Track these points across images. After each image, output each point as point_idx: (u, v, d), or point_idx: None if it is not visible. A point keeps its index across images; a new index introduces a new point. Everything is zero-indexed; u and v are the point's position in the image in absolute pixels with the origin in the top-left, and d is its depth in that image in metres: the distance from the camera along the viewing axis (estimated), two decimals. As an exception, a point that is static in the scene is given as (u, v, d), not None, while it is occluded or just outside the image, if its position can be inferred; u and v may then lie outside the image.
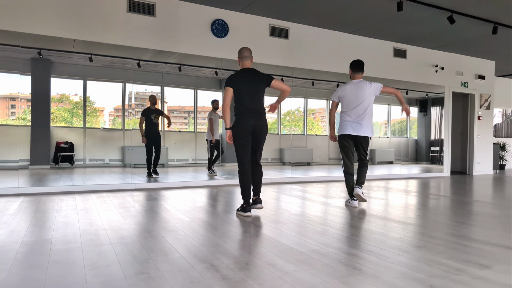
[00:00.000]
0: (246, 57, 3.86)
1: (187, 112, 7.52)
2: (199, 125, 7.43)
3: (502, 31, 7.00)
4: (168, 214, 3.66)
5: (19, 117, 5.67)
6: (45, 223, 3.19)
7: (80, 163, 6.17)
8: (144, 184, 5.67)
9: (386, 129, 9.14)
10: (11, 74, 5.31)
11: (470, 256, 2.42)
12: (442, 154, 8.93)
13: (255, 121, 3.80)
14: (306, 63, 6.99)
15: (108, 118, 6.67)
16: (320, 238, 2.82)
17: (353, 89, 4.32)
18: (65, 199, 4.45)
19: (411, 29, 7.10)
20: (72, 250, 2.43)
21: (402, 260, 2.32)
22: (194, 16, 5.96)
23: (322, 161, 8.29)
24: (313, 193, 5.35)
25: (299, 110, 8.18)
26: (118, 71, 6.14)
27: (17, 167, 5.15)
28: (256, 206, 3.77)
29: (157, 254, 2.38)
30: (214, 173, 6.67)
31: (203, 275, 2.01)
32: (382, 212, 3.97)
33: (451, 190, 5.95)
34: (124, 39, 5.47)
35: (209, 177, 6.59)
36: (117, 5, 5.43)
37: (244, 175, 3.77)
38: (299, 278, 2.00)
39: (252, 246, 2.61)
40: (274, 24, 6.63)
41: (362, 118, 4.27)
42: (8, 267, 2.10)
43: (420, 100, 9.29)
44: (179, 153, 7.19)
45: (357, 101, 4.28)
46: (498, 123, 11.82)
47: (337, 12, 6.28)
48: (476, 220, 3.61)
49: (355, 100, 4.29)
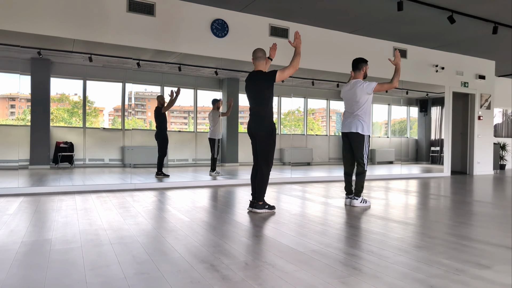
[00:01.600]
0: (255, 58, 3.84)
1: (187, 112, 7.52)
2: (199, 125, 7.43)
3: (502, 31, 7.00)
4: (168, 214, 3.66)
5: (19, 117, 5.67)
6: (44, 223, 3.18)
7: (80, 163, 6.17)
8: (144, 184, 5.67)
9: (386, 129, 9.14)
10: (11, 74, 5.31)
11: (470, 256, 2.42)
12: (442, 154, 8.93)
13: (252, 124, 3.81)
14: (306, 63, 6.99)
15: (108, 118, 6.67)
16: (320, 238, 2.81)
17: (349, 90, 4.41)
18: (64, 199, 4.45)
19: (411, 29, 7.10)
20: (72, 250, 2.43)
21: (402, 260, 2.31)
22: (194, 16, 5.96)
23: (322, 161, 8.29)
24: (313, 193, 5.35)
25: (299, 110, 8.18)
26: (118, 71, 6.14)
27: (17, 167, 5.15)
28: (252, 210, 3.80)
29: (157, 254, 2.38)
30: (218, 174, 6.65)
31: (203, 275, 2.01)
32: (382, 212, 3.97)
33: (451, 190, 5.94)
34: (124, 39, 5.47)
35: (212, 177, 6.57)
36: (117, 5, 5.43)
37: (251, 175, 3.95)
38: (299, 278, 1.99)
39: (252, 246, 2.61)
40: (274, 24, 6.63)
41: (354, 117, 4.31)
42: (8, 267, 2.10)
43: (420, 100, 9.29)
44: (179, 153, 7.18)
45: (351, 101, 4.36)
46: (498, 123, 11.82)
47: (337, 12, 6.28)
48: (476, 220, 3.61)
49: (350, 100, 4.38)
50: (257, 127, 3.79)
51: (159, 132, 6.26)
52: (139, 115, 6.66)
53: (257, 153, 3.87)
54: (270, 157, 3.81)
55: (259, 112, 3.78)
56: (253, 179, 3.90)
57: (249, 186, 5.77)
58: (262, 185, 3.81)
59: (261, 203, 3.79)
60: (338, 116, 8.69)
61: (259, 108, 3.79)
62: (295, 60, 3.75)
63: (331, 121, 8.65)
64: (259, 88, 3.77)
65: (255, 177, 3.88)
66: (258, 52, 3.83)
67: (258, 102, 3.78)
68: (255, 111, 3.81)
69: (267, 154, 3.80)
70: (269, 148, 3.79)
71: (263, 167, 3.81)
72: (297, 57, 3.76)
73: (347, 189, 4.43)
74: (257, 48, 3.88)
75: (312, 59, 7.05)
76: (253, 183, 3.89)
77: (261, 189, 3.80)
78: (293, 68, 3.73)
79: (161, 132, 6.25)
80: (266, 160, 3.80)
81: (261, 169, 3.82)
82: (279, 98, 7.92)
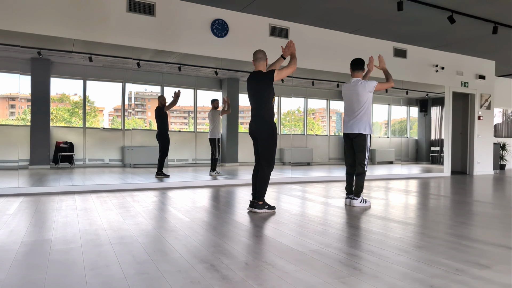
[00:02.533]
0: (255, 59, 3.89)
1: (187, 112, 7.52)
2: (199, 125, 7.43)
3: (502, 31, 7.00)
4: (168, 214, 3.66)
5: (19, 117, 5.66)
6: (44, 223, 3.18)
7: (80, 163, 6.16)
8: (144, 184, 5.67)
9: (386, 129, 9.14)
10: (11, 74, 5.31)
11: (470, 256, 2.42)
12: (442, 154, 8.93)
13: (253, 123, 3.87)
14: (306, 63, 6.99)
15: (108, 118, 6.67)
16: (320, 238, 2.81)
17: (348, 89, 4.44)
18: (64, 199, 4.45)
19: (411, 29, 7.10)
20: (72, 250, 2.43)
21: (402, 260, 2.31)
22: (194, 16, 5.96)
23: (322, 161, 8.29)
24: (313, 193, 5.35)
25: (299, 110, 8.18)
26: (118, 71, 6.14)
27: (17, 167, 5.15)
28: (252, 210, 3.82)
29: (157, 254, 2.38)
30: (218, 174, 6.66)
31: (203, 275, 2.01)
32: (382, 212, 3.97)
33: (451, 190, 5.94)
34: (124, 39, 5.47)
35: (212, 177, 6.57)
36: (117, 5, 5.43)
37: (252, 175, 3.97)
38: (299, 278, 1.99)
39: (252, 246, 2.61)
40: (274, 24, 6.63)
41: (355, 116, 4.33)
42: (8, 267, 2.10)
43: (420, 100, 9.29)
44: (179, 153, 7.18)
45: (351, 101, 4.38)
46: (498, 123, 11.82)
47: (337, 12, 6.28)
48: (476, 220, 3.61)
49: (350, 99, 4.41)
50: (258, 127, 3.82)
51: (161, 132, 6.26)
52: (139, 115, 6.66)
53: (258, 153, 3.89)
54: (271, 158, 3.83)
55: (260, 112, 3.81)
56: (254, 179, 3.91)
57: (249, 186, 5.77)
58: (263, 185, 3.82)
59: (261, 203, 3.80)
60: (338, 116, 8.70)
61: (259, 108, 3.81)
62: (292, 62, 3.83)
63: (331, 121, 8.65)
64: (258, 87, 3.80)
65: (256, 177, 3.90)
66: (258, 53, 3.88)
67: (258, 102, 3.82)
68: (256, 111, 3.84)
69: (268, 154, 3.81)
70: (270, 148, 3.81)
71: (264, 167, 3.82)
72: (293, 60, 3.85)
73: (348, 189, 4.44)
74: (257, 50, 3.92)
75: (312, 59, 7.05)
76: (254, 183, 3.90)
77: (262, 189, 3.81)
78: (291, 69, 3.80)
79: (162, 132, 6.25)
80: (268, 161, 3.81)
81: (262, 169, 3.83)
82: (279, 98, 7.92)
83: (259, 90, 3.80)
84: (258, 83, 3.80)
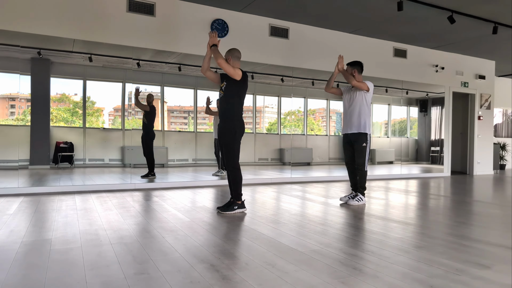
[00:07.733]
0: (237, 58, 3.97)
1: (187, 112, 7.51)
2: (199, 125, 7.43)
3: (502, 31, 7.00)
4: (168, 214, 3.66)
5: (18, 117, 5.66)
6: (44, 223, 3.18)
7: (80, 163, 6.16)
8: (144, 184, 5.67)
9: (386, 129, 9.14)
10: (11, 74, 5.30)
11: (470, 256, 2.42)
12: (442, 154, 8.92)
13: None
14: (306, 63, 6.99)
15: (108, 118, 6.67)
16: (320, 238, 2.81)
17: (345, 91, 4.62)
18: (64, 199, 4.44)
19: (411, 29, 7.10)
20: (72, 250, 2.43)
21: (402, 260, 2.31)
22: (194, 15, 5.96)
23: (322, 161, 8.28)
24: (313, 193, 5.35)
25: (299, 110, 8.18)
26: (118, 71, 6.13)
27: (17, 167, 5.15)
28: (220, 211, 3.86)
29: (157, 254, 2.38)
30: (222, 173, 6.69)
31: (203, 275, 2.01)
32: (382, 212, 3.97)
33: (451, 190, 5.94)
34: (124, 39, 5.47)
35: (219, 176, 6.63)
36: (117, 5, 5.43)
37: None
38: (299, 278, 1.99)
39: (252, 246, 2.61)
40: (274, 24, 6.63)
41: (351, 117, 4.47)
42: (8, 267, 2.09)
43: (420, 100, 9.28)
44: (179, 153, 7.18)
45: (348, 102, 4.55)
46: (498, 123, 11.82)
47: (337, 12, 6.28)
48: (476, 220, 3.61)
49: (347, 101, 4.57)
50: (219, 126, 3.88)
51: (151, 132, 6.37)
52: (139, 115, 6.65)
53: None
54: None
55: (221, 111, 3.84)
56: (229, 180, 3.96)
57: (248, 186, 5.78)
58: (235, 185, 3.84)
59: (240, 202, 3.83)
60: (338, 116, 8.69)
61: (221, 107, 3.85)
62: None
63: (331, 121, 8.65)
64: (223, 87, 3.87)
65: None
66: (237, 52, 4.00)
67: (221, 102, 3.88)
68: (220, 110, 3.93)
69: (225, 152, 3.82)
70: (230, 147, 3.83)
71: (228, 166, 3.85)
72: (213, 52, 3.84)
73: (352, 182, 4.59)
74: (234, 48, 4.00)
75: (312, 59, 7.05)
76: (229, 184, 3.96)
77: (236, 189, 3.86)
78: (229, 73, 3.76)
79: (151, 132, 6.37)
80: (226, 159, 3.83)
81: (228, 169, 3.85)
82: (279, 98, 7.92)
83: (224, 89, 3.87)
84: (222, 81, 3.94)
